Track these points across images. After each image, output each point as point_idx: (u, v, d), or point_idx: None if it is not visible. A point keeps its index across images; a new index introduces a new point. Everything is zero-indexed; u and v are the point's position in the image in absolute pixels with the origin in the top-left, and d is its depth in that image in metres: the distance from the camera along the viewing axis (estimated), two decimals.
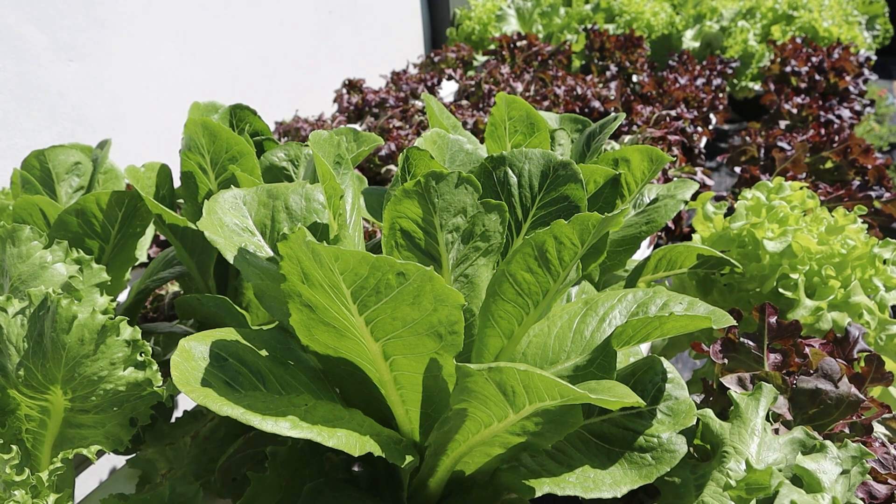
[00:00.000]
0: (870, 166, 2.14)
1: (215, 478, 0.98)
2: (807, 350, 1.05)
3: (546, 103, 2.83)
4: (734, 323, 0.86)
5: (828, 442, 0.83)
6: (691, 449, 0.90)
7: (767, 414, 0.92)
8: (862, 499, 0.83)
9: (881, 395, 1.17)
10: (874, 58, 3.48)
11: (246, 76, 2.94)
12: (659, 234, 2.11)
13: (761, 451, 0.85)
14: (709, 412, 0.89)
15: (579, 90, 2.90)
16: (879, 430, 0.99)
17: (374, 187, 1.22)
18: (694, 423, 0.84)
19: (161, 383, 0.87)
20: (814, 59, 3.30)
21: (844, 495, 0.80)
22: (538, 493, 0.78)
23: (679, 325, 0.81)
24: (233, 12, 2.84)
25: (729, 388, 1.00)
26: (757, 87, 4.12)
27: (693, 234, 1.61)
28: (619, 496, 0.77)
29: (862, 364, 1.06)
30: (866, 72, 3.30)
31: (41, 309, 0.82)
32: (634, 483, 0.78)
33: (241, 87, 2.90)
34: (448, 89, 3.29)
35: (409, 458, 0.79)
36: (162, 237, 1.83)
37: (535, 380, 0.66)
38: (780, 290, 1.35)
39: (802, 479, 0.81)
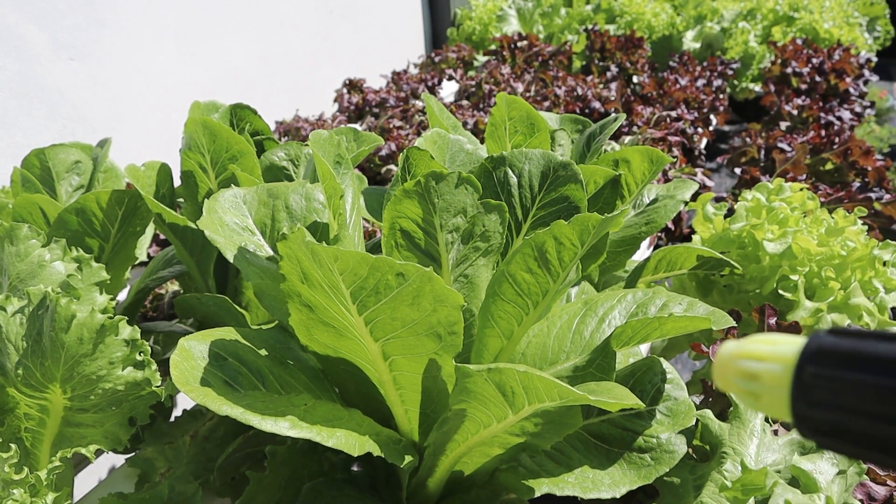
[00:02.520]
0: (870, 168, 2.14)
1: (214, 477, 0.98)
2: None
3: (546, 104, 2.83)
4: (734, 324, 0.86)
5: None
6: (690, 450, 0.90)
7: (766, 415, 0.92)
8: (861, 500, 0.83)
9: None
10: (875, 59, 3.48)
11: (246, 76, 2.94)
12: (659, 234, 2.11)
13: (760, 452, 0.85)
14: (708, 413, 0.89)
15: (580, 91, 2.90)
16: None
17: (374, 187, 1.22)
18: (693, 423, 0.84)
19: (160, 383, 0.87)
20: (814, 60, 3.30)
21: (841, 496, 0.81)
22: (537, 494, 0.78)
23: (679, 325, 0.81)
24: (233, 12, 2.84)
25: None
26: (757, 88, 4.12)
27: (693, 235, 1.61)
28: (617, 496, 0.77)
29: None
30: (867, 73, 3.30)
31: (40, 308, 0.82)
32: (633, 484, 0.78)
33: (241, 87, 2.90)
34: (448, 89, 3.29)
35: (408, 458, 0.79)
36: (162, 236, 1.83)
37: (534, 381, 0.66)
38: (780, 291, 1.35)
39: (799, 480, 0.81)
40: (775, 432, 0.91)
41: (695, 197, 1.77)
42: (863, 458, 0.41)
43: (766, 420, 0.98)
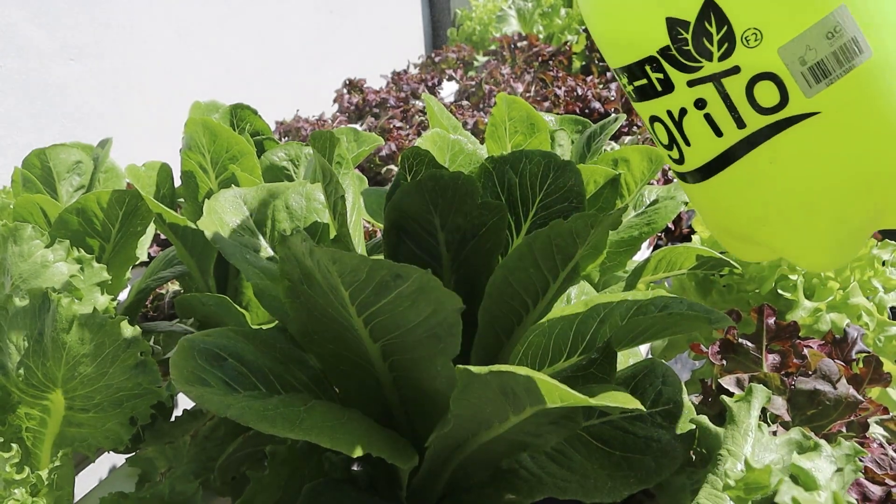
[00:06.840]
0: None
1: (214, 476, 0.98)
2: (805, 351, 1.05)
3: (546, 104, 2.83)
4: (733, 324, 0.86)
5: (822, 441, 0.84)
6: (693, 456, 0.91)
7: (763, 415, 0.92)
8: (856, 499, 0.84)
9: (879, 396, 1.18)
10: None
11: (246, 76, 2.94)
12: (659, 234, 2.11)
13: (756, 452, 0.85)
14: (704, 419, 0.89)
15: (580, 91, 2.90)
16: (878, 430, 0.99)
17: (374, 187, 1.22)
18: (693, 426, 0.84)
19: (160, 383, 0.87)
20: None
21: (841, 492, 0.81)
22: (539, 497, 0.78)
23: (680, 326, 0.81)
24: (234, 12, 2.84)
25: (727, 389, 1.00)
26: None
27: (693, 235, 1.61)
28: (618, 501, 0.77)
29: (860, 365, 1.06)
30: None
31: (42, 308, 0.82)
32: (634, 488, 0.78)
33: (242, 87, 2.90)
34: (448, 90, 3.29)
35: (408, 459, 0.79)
36: (162, 236, 1.83)
37: (535, 383, 0.66)
38: (779, 290, 1.35)
39: (798, 478, 0.81)
40: (774, 433, 0.91)
41: None
42: None
43: (766, 421, 0.98)
